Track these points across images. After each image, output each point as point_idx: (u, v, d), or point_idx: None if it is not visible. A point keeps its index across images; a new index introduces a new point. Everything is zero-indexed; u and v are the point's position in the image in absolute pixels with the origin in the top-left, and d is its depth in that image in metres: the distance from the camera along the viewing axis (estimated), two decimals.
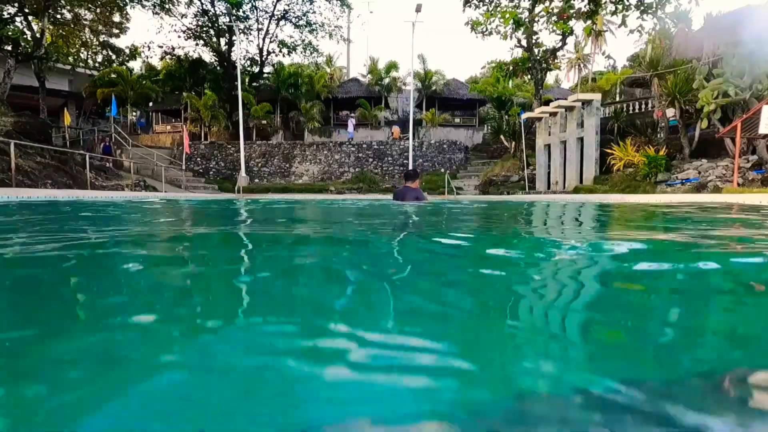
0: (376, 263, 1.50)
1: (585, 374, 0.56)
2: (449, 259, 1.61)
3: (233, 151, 22.61)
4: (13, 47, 17.73)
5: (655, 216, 3.89)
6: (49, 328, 0.74)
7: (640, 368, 0.59)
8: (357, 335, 0.68)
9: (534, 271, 1.29)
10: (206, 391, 0.50)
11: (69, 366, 0.56)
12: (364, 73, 28.97)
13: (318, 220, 3.51)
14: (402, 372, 0.54)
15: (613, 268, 1.33)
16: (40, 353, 0.60)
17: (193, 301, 0.97)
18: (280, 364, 0.56)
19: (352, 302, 0.96)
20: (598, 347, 0.69)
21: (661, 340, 0.72)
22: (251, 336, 0.71)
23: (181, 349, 0.65)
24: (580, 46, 32.45)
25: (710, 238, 2.03)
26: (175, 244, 1.89)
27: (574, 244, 1.67)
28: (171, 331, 0.74)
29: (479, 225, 3.11)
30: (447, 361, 0.59)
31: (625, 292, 1.06)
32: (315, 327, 0.76)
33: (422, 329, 0.75)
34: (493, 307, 0.93)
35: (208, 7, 24.35)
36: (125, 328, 0.73)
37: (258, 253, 1.69)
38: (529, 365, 0.59)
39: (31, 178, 11.30)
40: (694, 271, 1.24)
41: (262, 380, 0.53)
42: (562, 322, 0.78)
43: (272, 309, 0.89)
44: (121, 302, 0.94)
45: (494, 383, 0.54)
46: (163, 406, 0.45)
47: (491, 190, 18.40)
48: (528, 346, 0.68)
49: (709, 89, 12.03)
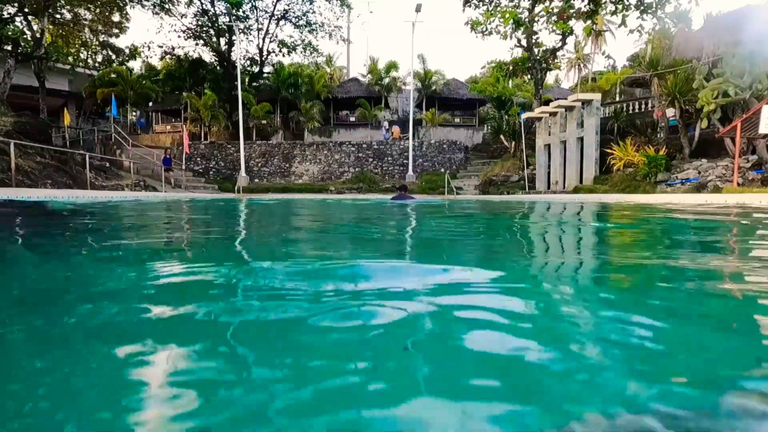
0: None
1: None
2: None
3: (233, 151, 22.61)
4: (13, 47, 17.73)
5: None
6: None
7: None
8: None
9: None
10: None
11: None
12: (364, 73, 28.97)
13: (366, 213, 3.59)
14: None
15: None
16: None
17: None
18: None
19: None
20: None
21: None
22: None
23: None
24: (580, 46, 32.44)
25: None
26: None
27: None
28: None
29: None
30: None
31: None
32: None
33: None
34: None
35: (208, 7, 24.36)
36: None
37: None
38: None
39: (31, 178, 11.30)
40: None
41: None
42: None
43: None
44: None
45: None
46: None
47: (491, 190, 18.39)
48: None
49: (709, 89, 12.03)
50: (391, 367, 0.50)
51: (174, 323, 0.75)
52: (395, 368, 0.49)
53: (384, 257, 1.53)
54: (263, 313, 0.73)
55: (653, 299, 0.99)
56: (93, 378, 0.50)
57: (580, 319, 0.81)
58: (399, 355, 0.47)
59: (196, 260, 1.28)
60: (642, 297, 1.04)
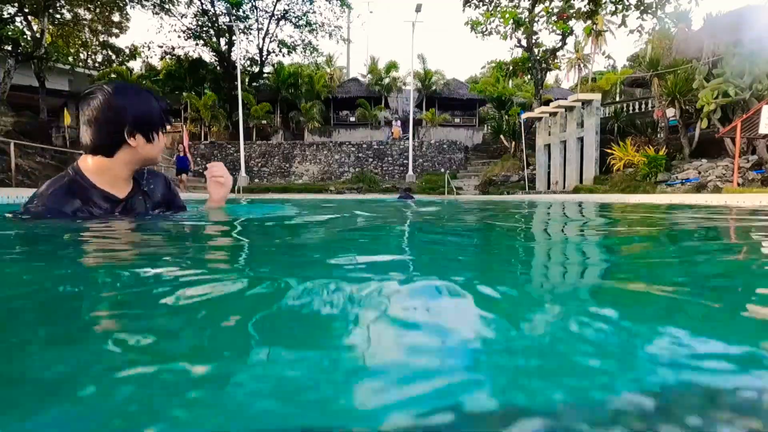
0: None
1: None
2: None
3: (233, 151, 22.62)
4: (13, 47, 17.76)
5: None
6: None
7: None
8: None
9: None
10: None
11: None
12: (364, 73, 29.02)
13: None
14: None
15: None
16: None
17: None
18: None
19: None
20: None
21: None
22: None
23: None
24: (580, 46, 32.43)
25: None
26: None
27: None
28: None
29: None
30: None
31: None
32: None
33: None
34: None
35: (208, 7, 24.39)
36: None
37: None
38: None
39: (31, 178, 11.31)
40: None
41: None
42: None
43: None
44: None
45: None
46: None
47: (491, 190, 18.40)
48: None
49: (709, 89, 12.04)
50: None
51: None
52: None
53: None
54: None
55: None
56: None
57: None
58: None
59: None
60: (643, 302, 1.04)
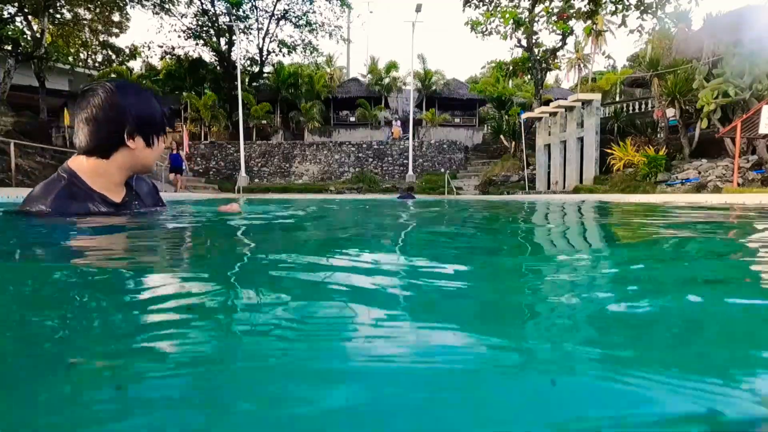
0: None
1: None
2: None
3: (233, 151, 22.61)
4: (13, 47, 17.76)
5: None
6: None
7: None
8: None
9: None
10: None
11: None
12: (364, 73, 29.01)
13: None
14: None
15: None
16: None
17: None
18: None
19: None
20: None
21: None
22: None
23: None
24: (580, 46, 32.42)
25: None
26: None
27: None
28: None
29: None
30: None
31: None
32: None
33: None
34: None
35: (208, 7, 24.39)
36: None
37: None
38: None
39: (31, 177, 11.30)
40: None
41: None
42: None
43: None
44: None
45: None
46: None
47: (491, 190, 18.40)
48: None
49: (709, 89, 12.04)
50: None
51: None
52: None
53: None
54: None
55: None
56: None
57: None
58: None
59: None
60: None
